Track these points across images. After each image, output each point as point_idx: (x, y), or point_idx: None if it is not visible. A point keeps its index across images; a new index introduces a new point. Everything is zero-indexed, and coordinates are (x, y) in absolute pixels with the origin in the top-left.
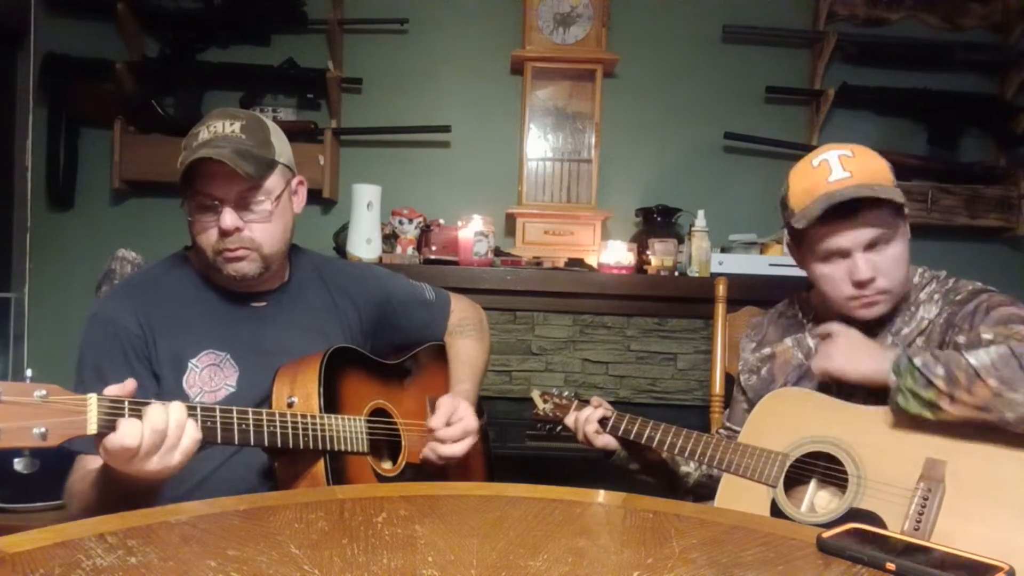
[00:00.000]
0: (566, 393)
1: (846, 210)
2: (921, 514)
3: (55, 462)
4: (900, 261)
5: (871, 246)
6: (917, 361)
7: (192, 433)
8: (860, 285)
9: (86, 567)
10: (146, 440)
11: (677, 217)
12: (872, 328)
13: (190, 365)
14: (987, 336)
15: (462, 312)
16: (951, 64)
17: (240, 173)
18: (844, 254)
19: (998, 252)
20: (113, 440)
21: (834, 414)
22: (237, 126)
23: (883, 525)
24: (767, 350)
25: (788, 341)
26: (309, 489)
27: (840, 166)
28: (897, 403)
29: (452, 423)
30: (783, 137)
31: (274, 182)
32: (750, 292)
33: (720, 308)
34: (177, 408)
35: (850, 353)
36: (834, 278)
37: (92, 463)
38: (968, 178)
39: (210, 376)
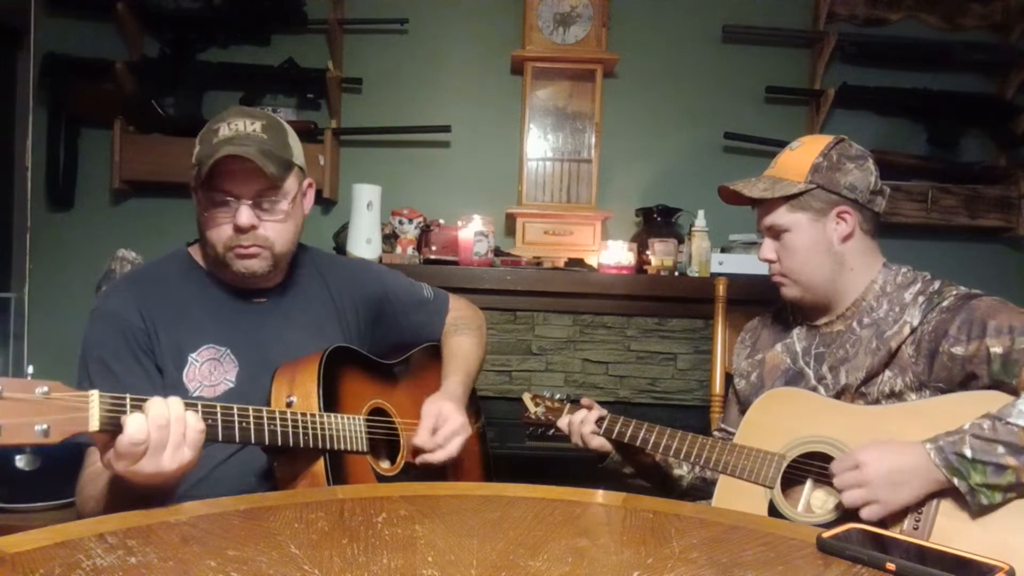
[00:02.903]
0: (557, 396)
1: (752, 197)
2: (920, 513)
3: (57, 462)
4: (795, 251)
5: (772, 232)
6: (967, 452)
7: (195, 425)
8: (767, 263)
9: (86, 567)
10: (153, 434)
11: (677, 217)
12: (851, 325)
13: (190, 359)
14: (996, 350)
15: (459, 312)
16: (951, 64)
17: (265, 172)
18: (763, 234)
19: (998, 252)
20: (123, 440)
21: (829, 414)
22: (258, 126)
23: (882, 524)
24: (759, 356)
25: (778, 347)
26: (309, 489)
27: (776, 159)
28: (980, 503)
29: (438, 428)
30: (783, 137)
31: (291, 183)
32: (750, 292)
33: (720, 308)
34: (175, 403)
35: (892, 481)
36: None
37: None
38: (968, 178)
39: (210, 371)
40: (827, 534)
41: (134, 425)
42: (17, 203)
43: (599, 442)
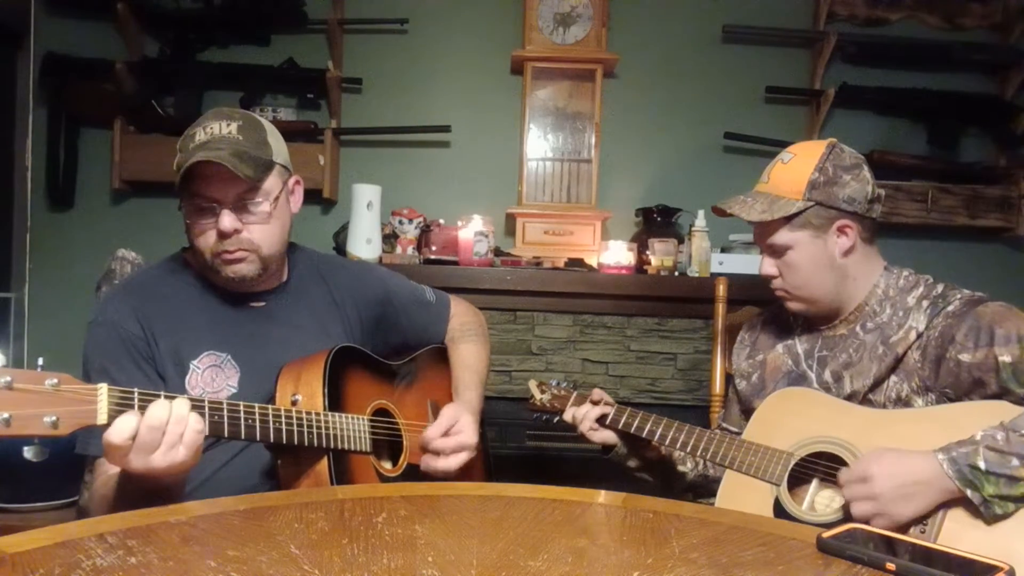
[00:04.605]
0: (564, 384)
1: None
2: (927, 519)
3: (57, 462)
4: (798, 268)
5: (772, 250)
6: (981, 464)
7: (194, 426)
8: (765, 279)
9: (86, 567)
10: (141, 435)
11: (677, 217)
12: (854, 329)
13: (191, 366)
14: (1005, 359)
15: (463, 316)
16: (951, 64)
17: (239, 175)
18: (762, 250)
19: (998, 252)
20: (107, 436)
21: (840, 415)
22: (234, 127)
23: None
24: (760, 356)
25: (779, 348)
26: (309, 489)
27: (768, 171)
28: (994, 513)
29: (451, 434)
30: (783, 137)
31: (272, 183)
32: (750, 292)
33: (720, 308)
34: (180, 403)
35: (902, 494)
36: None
37: (113, 467)
38: (968, 178)
39: (212, 377)
40: (827, 534)
41: (118, 426)
42: (17, 203)
43: (602, 436)
